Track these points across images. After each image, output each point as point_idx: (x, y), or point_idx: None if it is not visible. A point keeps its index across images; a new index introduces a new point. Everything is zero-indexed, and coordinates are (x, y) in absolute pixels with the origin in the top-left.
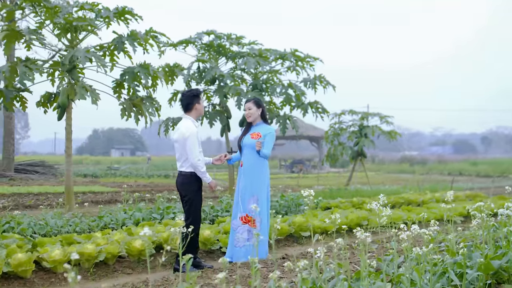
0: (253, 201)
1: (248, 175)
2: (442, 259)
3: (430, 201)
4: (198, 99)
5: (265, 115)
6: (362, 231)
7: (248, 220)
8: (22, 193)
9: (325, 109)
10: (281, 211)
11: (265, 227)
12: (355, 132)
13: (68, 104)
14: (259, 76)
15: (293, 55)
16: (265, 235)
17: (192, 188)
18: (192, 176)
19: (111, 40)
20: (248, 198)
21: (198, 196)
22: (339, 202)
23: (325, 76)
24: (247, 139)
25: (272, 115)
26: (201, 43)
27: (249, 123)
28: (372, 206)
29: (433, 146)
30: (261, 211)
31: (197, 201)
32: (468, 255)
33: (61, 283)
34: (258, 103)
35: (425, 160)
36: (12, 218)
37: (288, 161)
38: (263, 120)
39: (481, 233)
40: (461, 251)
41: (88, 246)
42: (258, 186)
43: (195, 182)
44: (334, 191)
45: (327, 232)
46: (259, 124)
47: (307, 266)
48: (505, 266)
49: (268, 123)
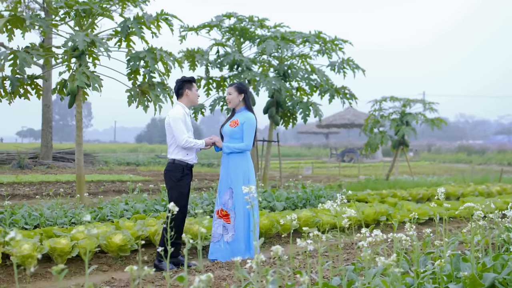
0: (228, 194)
1: (225, 166)
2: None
3: (471, 194)
4: (190, 86)
5: (249, 102)
6: (368, 229)
7: (223, 215)
8: (50, 181)
9: (354, 95)
10: (299, 204)
11: (241, 224)
12: (395, 120)
13: (77, 91)
14: (284, 61)
15: (317, 37)
16: (240, 232)
17: (173, 177)
18: (175, 164)
19: (117, 24)
20: (224, 191)
21: (180, 186)
22: (367, 194)
23: (353, 59)
24: (226, 126)
25: (293, 101)
26: (224, 27)
27: (234, 110)
28: (389, 200)
29: (498, 135)
30: (236, 206)
31: (178, 192)
32: (456, 265)
33: (28, 280)
34: (240, 88)
35: (484, 149)
36: (6, 208)
37: (338, 150)
38: (246, 106)
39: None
40: (437, 262)
41: (61, 241)
42: (235, 178)
43: (177, 171)
44: (371, 182)
45: (336, 228)
46: (240, 110)
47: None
48: (502, 280)
49: (250, 110)
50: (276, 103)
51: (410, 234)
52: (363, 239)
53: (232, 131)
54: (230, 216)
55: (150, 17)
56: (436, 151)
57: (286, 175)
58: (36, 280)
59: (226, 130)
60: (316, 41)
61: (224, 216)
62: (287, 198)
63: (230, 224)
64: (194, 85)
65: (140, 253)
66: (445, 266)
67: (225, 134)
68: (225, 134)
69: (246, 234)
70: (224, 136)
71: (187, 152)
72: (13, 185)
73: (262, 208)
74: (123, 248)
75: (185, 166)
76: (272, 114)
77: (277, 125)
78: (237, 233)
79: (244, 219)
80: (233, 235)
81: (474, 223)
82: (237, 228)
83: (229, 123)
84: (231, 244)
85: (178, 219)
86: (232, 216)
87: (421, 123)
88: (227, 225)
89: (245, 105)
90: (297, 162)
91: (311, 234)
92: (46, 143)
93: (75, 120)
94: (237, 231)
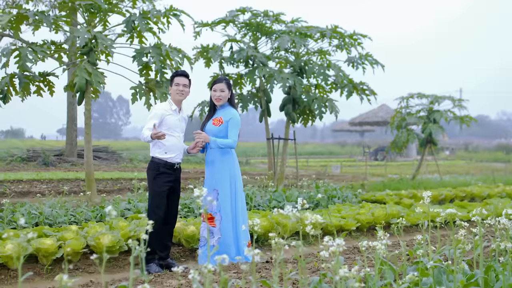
0: (213, 196)
1: (210, 166)
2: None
3: (498, 195)
4: (172, 82)
5: (233, 98)
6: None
7: (208, 218)
8: (69, 178)
9: (373, 91)
10: (311, 204)
11: (228, 226)
12: (422, 118)
13: (86, 88)
14: (301, 56)
15: (333, 32)
16: (228, 235)
17: (149, 175)
18: (152, 162)
19: (121, 21)
20: (209, 192)
21: (155, 185)
22: (385, 194)
23: (372, 54)
24: (209, 125)
25: (309, 98)
26: (240, 22)
27: (214, 107)
28: (405, 201)
29: None
30: (222, 207)
31: (153, 190)
32: (438, 277)
33: (11, 281)
34: (230, 84)
35: None
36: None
37: (371, 148)
38: (230, 103)
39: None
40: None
41: (46, 241)
42: (219, 179)
43: (153, 169)
44: (395, 182)
45: (344, 230)
46: (223, 107)
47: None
48: None
49: (234, 107)
50: (293, 100)
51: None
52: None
53: (217, 130)
54: (215, 219)
55: (157, 12)
56: (474, 149)
57: (313, 173)
58: (17, 282)
59: (210, 129)
60: (333, 36)
61: (209, 219)
62: (298, 198)
63: (215, 228)
64: (174, 80)
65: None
66: (423, 279)
67: (209, 134)
68: (209, 134)
69: (235, 236)
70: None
71: (166, 150)
72: (33, 182)
73: (272, 208)
74: (111, 249)
75: (162, 165)
76: (289, 111)
77: (294, 122)
78: (223, 236)
79: (232, 221)
80: (219, 239)
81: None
82: (224, 231)
83: (212, 121)
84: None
85: (157, 221)
86: (217, 219)
87: (449, 120)
88: (212, 229)
89: (230, 101)
90: (327, 160)
91: (273, 242)
92: (70, 140)
93: (84, 117)
94: (224, 235)
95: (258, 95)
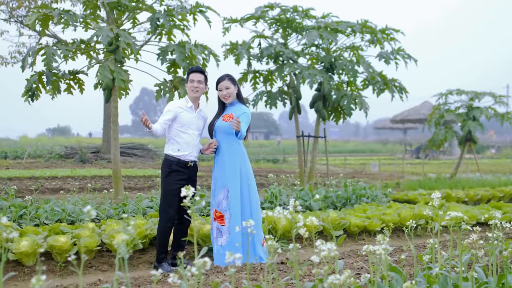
0: (223, 193)
1: (220, 163)
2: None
3: None
4: (187, 79)
5: (241, 94)
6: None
7: (217, 216)
8: (102, 175)
9: (404, 88)
10: (338, 203)
11: (238, 225)
12: (461, 115)
13: (113, 86)
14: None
15: (363, 27)
16: (237, 235)
17: (162, 172)
18: (165, 159)
19: (146, 18)
20: (219, 190)
21: (167, 183)
22: (418, 194)
23: (404, 49)
24: (219, 122)
25: (338, 94)
26: (270, 18)
27: (223, 105)
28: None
29: None
30: (232, 206)
31: (164, 188)
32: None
33: (24, 278)
34: (234, 80)
35: None
36: (32, 203)
37: (413, 146)
38: (239, 99)
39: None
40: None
41: (60, 238)
42: (230, 176)
43: (165, 166)
44: (431, 181)
45: (368, 231)
46: (233, 104)
47: None
48: None
49: (243, 103)
50: (323, 97)
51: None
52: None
53: (229, 125)
54: (225, 217)
55: (182, 9)
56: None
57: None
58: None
59: (221, 126)
60: (364, 30)
61: (218, 218)
62: (325, 197)
63: (224, 226)
64: (189, 77)
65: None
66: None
67: (219, 131)
68: (219, 130)
69: (245, 236)
70: (218, 133)
71: (179, 147)
72: (66, 178)
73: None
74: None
75: (174, 162)
76: (319, 108)
77: (325, 119)
78: (231, 236)
79: (242, 220)
80: (227, 238)
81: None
82: (233, 231)
83: (222, 118)
84: (225, 248)
85: (169, 220)
86: (226, 218)
87: (490, 117)
88: (221, 227)
89: (239, 98)
90: (367, 158)
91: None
92: (107, 138)
93: (111, 115)
94: (232, 234)
95: (288, 92)
